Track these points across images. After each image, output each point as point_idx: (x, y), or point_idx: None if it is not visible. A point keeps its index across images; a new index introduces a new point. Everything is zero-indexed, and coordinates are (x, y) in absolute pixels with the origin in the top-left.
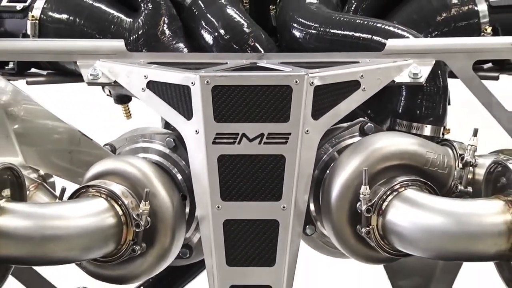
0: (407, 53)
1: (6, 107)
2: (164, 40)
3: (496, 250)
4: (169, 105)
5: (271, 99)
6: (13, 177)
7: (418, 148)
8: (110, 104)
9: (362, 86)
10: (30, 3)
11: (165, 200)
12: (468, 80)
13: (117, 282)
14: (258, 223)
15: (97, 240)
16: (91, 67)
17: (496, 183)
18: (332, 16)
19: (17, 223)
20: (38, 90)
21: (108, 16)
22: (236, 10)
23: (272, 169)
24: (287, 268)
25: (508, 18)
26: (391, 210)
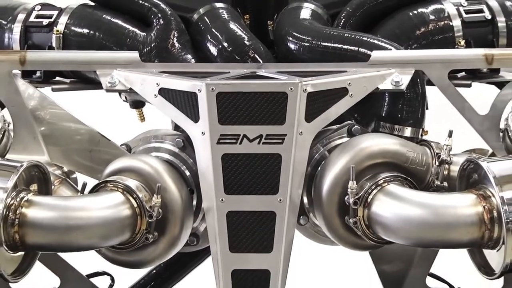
0: (389, 64)
1: (34, 111)
2: (174, 51)
3: (469, 238)
4: (178, 110)
5: (269, 104)
6: (39, 174)
7: (400, 147)
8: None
9: (350, 93)
10: (55, 19)
11: (175, 194)
12: (444, 88)
13: (132, 266)
14: (258, 214)
15: (115, 229)
16: (109, 75)
17: (469, 179)
18: (323, 30)
19: (43, 214)
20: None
21: (124, 30)
22: (238, 25)
23: (269, 166)
24: (283, 254)
25: (479, 32)
26: (376, 203)
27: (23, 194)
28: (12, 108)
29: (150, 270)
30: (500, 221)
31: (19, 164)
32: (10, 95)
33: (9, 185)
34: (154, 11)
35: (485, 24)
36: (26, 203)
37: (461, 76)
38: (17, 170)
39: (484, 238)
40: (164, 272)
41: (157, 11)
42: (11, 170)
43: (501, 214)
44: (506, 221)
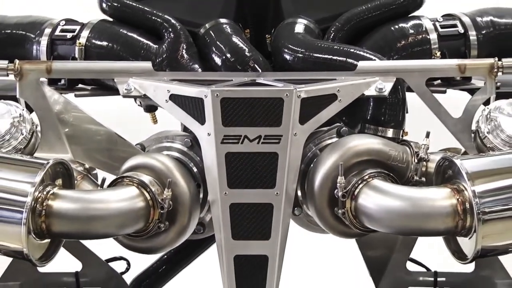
0: (373, 72)
1: (59, 115)
2: (183, 62)
3: (445, 227)
4: (187, 113)
5: (267, 108)
6: (64, 170)
7: (383, 146)
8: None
9: (339, 98)
10: (78, 33)
11: (184, 188)
12: (422, 94)
13: (146, 252)
14: (257, 206)
15: (130, 219)
16: (126, 83)
17: (444, 174)
18: (315, 43)
19: (67, 206)
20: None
21: (139, 43)
22: (240, 39)
23: (267, 163)
24: (279, 241)
25: (453, 45)
26: (362, 196)
27: (49, 188)
28: (40, 112)
29: (162, 255)
30: (472, 212)
31: (46, 162)
32: (38, 100)
33: (36, 180)
34: (166, 26)
35: (458, 37)
36: (52, 196)
37: (437, 84)
38: (44, 166)
39: (458, 227)
40: (174, 257)
41: (168, 26)
42: (39, 166)
43: (473, 205)
44: (477, 212)
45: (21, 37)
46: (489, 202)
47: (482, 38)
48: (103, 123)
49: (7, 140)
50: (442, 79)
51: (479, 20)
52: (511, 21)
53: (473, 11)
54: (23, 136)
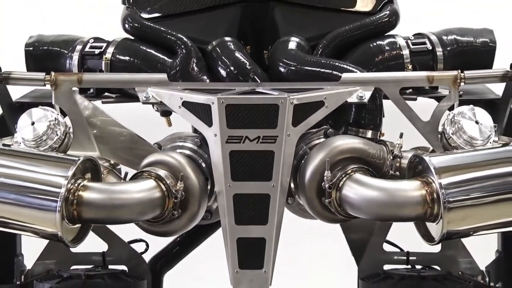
0: (355, 83)
1: (88, 118)
2: (193, 74)
3: (415, 214)
4: (197, 117)
5: (265, 113)
6: (92, 165)
7: (363, 145)
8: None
9: (326, 105)
10: (104, 49)
11: (194, 181)
12: (396, 101)
13: (162, 235)
14: (256, 196)
15: (149, 207)
16: (145, 92)
17: (415, 169)
18: (305, 58)
19: (95, 196)
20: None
21: (156, 58)
22: (242, 54)
23: (265, 160)
24: (275, 226)
25: (422, 59)
26: (345, 187)
27: (79, 181)
28: (72, 116)
29: (175, 238)
30: (438, 201)
31: (77, 158)
32: (70, 106)
33: (69, 174)
34: (179, 43)
35: (427, 53)
36: (82, 188)
37: (409, 92)
38: (75, 162)
39: (427, 214)
40: (185, 240)
41: (180, 43)
42: (71, 162)
43: (439, 196)
44: (443, 201)
45: (57, 53)
46: (453, 193)
47: (447, 54)
48: (126, 126)
49: (44, 140)
50: (413, 88)
51: (444, 38)
52: (472, 39)
53: (439, 31)
54: (58, 136)
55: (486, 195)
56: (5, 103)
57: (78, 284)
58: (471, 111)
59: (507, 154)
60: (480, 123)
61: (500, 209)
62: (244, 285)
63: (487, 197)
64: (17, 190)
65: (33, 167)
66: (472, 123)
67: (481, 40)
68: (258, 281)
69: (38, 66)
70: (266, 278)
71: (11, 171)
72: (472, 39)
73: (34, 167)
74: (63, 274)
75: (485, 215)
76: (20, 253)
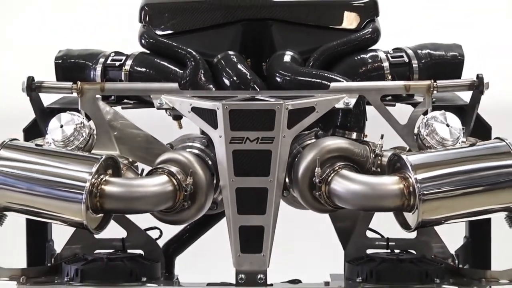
0: (342, 91)
1: (109, 122)
2: (201, 83)
3: (394, 205)
4: (204, 121)
5: (263, 117)
6: (113, 163)
7: (349, 145)
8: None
9: (316, 110)
10: (124, 62)
11: (202, 176)
12: (377, 107)
13: (174, 223)
14: (256, 189)
15: (162, 199)
16: (159, 98)
17: (394, 166)
18: (299, 69)
19: (116, 189)
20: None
21: (169, 69)
22: (243, 66)
23: (264, 158)
24: (272, 215)
25: (400, 71)
26: (333, 182)
27: (102, 176)
28: (95, 120)
29: (185, 226)
30: (414, 194)
31: (100, 157)
32: (94, 112)
33: (93, 170)
34: (188, 57)
35: (404, 65)
36: (104, 182)
37: (389, 99)
38: (98, 160)
39: (404, 205)
40: (194, 227)
41: (190, 57)
42: (95, 160)
43: (415, 189)
44: (418, 194)
45: (82, 65)
46: (427, 187)
47: (421, 66)
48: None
49: (72, 141)
50: (392, 96)
51: (419, 52)
52: (443, 53)
53: (415, 45)
54: (83, 138)
55: (455, 188)
56: (38, 108)
57: (101, 266)
58: (443, 116)
59: (474, 153)
60: (450, 126)
61: (467, 201)
62: (245, 267)
63: (456, 190)
64: (48, 184)
65: (61, 164)
66: (444, 126)
67: (451, 54)
68: (257, 264)
69: (66, 76)
70: (264, 261)
71: (43, 168)
72: (443, 53)
73: (63, 164)
74: (87, 257)
75: (455, 206)
76: (50, 239)
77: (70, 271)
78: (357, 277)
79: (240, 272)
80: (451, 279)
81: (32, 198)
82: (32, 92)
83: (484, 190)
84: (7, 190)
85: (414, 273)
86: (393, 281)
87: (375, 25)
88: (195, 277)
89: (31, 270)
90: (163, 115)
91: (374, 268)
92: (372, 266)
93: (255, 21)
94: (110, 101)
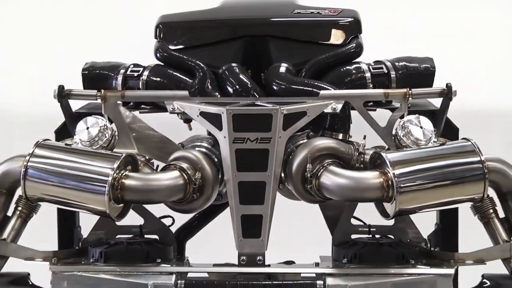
0: (330, 98)
1: (129, 124)
2: (208, 91)
3: (375, 197)
4: (211, 123)
5: (262, 120)
6: (132, 160)
7: (336, 145)
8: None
9: (308, 114)
10: (141, 72)
11: (209, 172)
12: (360, 111)
13: (184, 212)
14: (255, 183)
15: (175, 192)
16: (171, 104)
17: (375, 163)
18: (292, 79)
19: (134, 182)
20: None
21: (180, 79)
22: (245, 76)
23: (262, 155)
24: (270, 205)
25: (380, 80)
26: (322, 176)
27: (122, 171)
28: (117, 123)
29: (194, 214)
30: (392, 187)
31: (121, 154)
32: (116, 115)
33: (115, 166)
34: (197, 68)
35: (384, 75)
36: (124, 176)
37: (370, 105)
38: (119, 157)
39: (384, 196)
40: (202, 216)
41: (198, 68)
42: (116, 158)
43: (393, 183)
44: (396, 187)
45: (105, 75)
46: (403, 181)
47: (398, 76)
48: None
49: (96, 141)
50: (374, 102)
51: (396, 64)
52: (417, 65)
53: (393, 58)
54: (106, 138)
55: (427, 182)
56: (67, 112)
57: (121, 249)
58: (417, 119)
59: (443, 151)
60: (423, 128)
61: (438, 193)
62: (246, 250)
63: (428, 183)
64: (76, 178)
65: (87, 161)
66: (418, 128)
67: (424, 66)
68: (257, 247)
69: (91, 85)
70: (263, 245)
71: (71, 164)
72: (417, 65)
73: (88, 161)
74: (110, 241)
75: (427, 197)
76: (78, 225)
77: (95, 253)
78: (343, 258)
79: (242, 254)
80: (424, 260)
81: (62, 190)
82: (62, 99)
83: (452, 183)
84: (41, 183)
85: (392, 255)
86: (374, 262)
87: (358, 41)
88: (203, 259)
89: (61, 253)
90: (175, 119)
91: (358, 251)
92: (356, 249)
93: (255, 37)
94: (130, 106)
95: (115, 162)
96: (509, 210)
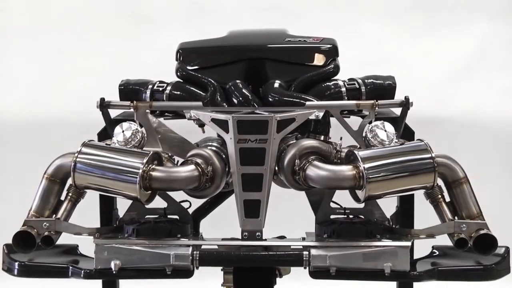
0: (314, 107)
1: (156, 128)
2: (218, 102)
3: (349, 185)
4: (220, 127)
5: (260, 125)
6: (158, 156)
7: (318, 144)
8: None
9: (296, 120)
10: (165, 87)
11: (218, 166)
12: (338, 118)
13: (199, 198)
14: (255, 175)
15: (191, 181)
16: (189, 113)
17: (349, 159)
18: (284, 92)
19: (160, 174)
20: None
21: (196, 92)
22: (247, 90)
23: (260, 153)
24: (266, 191)
25: (353, 94)
26: (308, 169)
27: (150, 165)
28: (146, 127)
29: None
30: (363, 178)
31: (149, 152)
32: (145, 121)
33: (144, 161)
34: (209, 84)
35: (356, 90)
36: (152, 169)
37: (345, 113)
38: (147, 154)
39: (356, 185)
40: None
41: (210, 84)
42: (145, 154)
43: (363, 174)
44: (365, 178)
45: (137, 90)
46: (372, 173)
47: (367, 90)
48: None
49: (130, 141)
50: (348, 111)
51: (366, 81)
52: (382, 82)
53: (363, 76)
54: (138, 139)
55: (390, 174)
56: (107, 119)
57: (149, 226)
58: (382, 124)
59: (402, 149)
60: (387, 131)
61: (398, 182)
62: (248, 227)
63: (391, 175)
64: (113, 170)
65: (123, 157)
66: (383, 131)
67: (387, 82)
68: (256, 225)
69: (126, 97)
70: (261, 223)
71: (110, 159)
72: (382, 82)
73: (124, 157)
74: (140, 220)
75: (390, 185)
76: (116, 207)
77: (129, 230)
78: (324, 234)
79: (244, 231)
80: (387, 235)
81: (103, 180)
82: (103, 109)
83: (409, 174)
84: (87, 174)
85: (363, 231)
86: (348, 237)
87: (336, 63)
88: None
89: (103, 229)
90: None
91: (336, 228)
92: (334, 227)
93: (255, 60)
94: (156, 114)
95: (144, 158)
96: (453, 195)
